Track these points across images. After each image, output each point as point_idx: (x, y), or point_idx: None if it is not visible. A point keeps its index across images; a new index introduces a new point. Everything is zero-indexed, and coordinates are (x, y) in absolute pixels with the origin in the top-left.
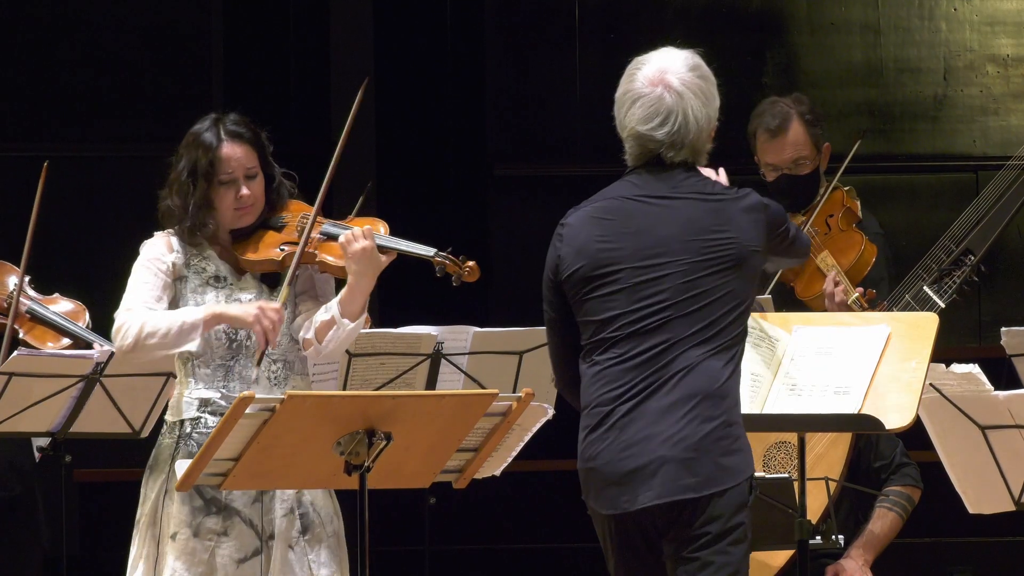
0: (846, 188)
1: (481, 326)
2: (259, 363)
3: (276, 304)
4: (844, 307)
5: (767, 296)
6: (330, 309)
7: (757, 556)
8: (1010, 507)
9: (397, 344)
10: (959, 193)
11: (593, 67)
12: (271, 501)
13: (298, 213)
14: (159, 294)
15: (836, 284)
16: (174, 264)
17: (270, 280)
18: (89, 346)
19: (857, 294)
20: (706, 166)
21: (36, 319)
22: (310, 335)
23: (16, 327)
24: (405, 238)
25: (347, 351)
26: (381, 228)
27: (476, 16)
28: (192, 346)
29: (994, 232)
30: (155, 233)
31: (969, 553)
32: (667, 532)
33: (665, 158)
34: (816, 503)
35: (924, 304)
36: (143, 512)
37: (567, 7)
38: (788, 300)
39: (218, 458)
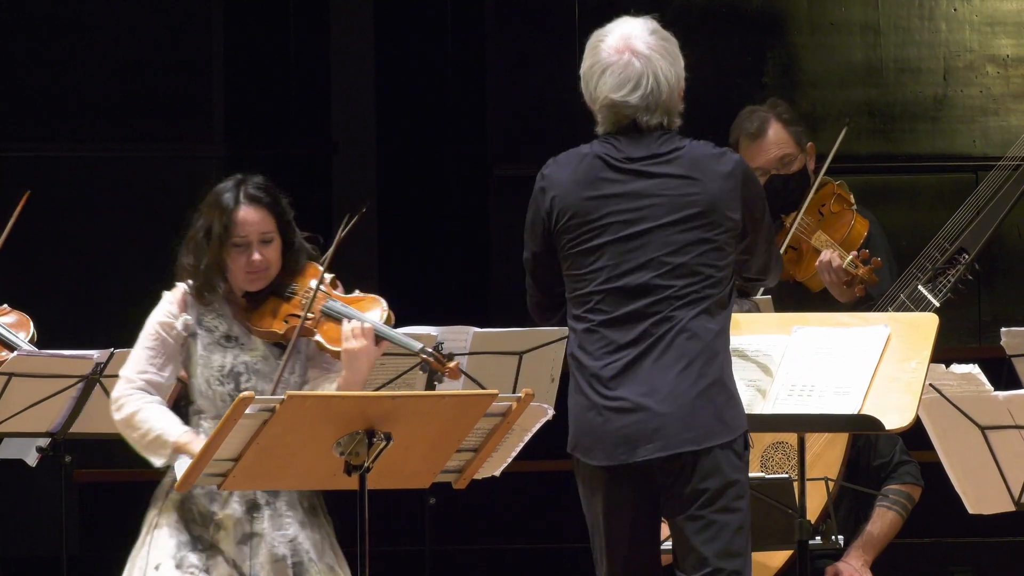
0: (837, 182)
1: (481, 326)
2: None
3: None
4: (842, 273)
5: (766, 297)
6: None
7: (757, 556)
8: (1010, 507)
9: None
10: (959, 193)
11: None
12: (258, 546)
13: (309, 281)
14: (162, 362)
15: (832, 251)
16: (186, 325)
17: (282, 344)
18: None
19: (852, 256)
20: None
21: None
22: None
23: None
24: (404, 238)
25: None
26: (380, 310)
27: (476, 16)
28: (158, 462)
29: (988, 230)
30: (176, 285)
31: (969, 553)
32: (667, 487)
33: (640, 122)
34: (815, 503)
35: (919, 303)
36: (137, 541)
37: (567, 7)
38: (788, 295)
39: (218, 458)
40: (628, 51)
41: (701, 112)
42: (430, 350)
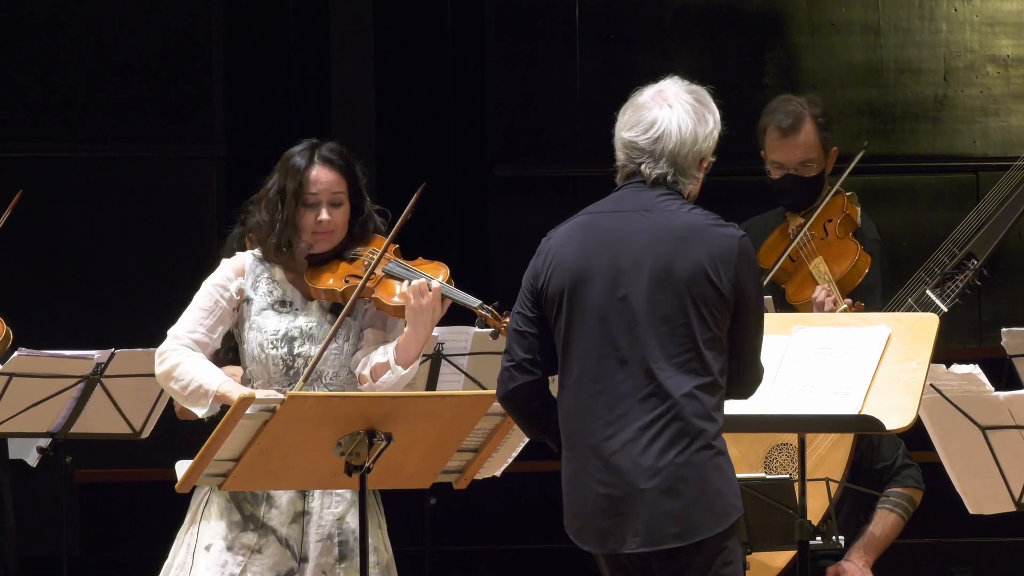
0: (848, 194)
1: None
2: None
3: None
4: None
5: (767, 297)
6: (387, 352)
7: (758, 557)
8: (1010, 507)
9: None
10: (959, 194)
11: (593, 68)
12: (308, 524)
13: (376, 248)
14: (213, 323)
15: (828, 296)
16: (240, 290)
17: (338, 310)
18: None
19: (845, 306)
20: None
21: None
22: (366, 372)
23: None
24: (404, 237)
25: None
26: (442, 274)
27: (476, 16)
28: (200, 412)
29: (997, 236)
30: (237, 253)
31: (969, 553)
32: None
33: (644, 172)
34: (817, 504)
35: (926, 308)
36: (184, 522)
37: (567, 8)
38: (779, 301)
39: (219, 458)
40: (658, 97)
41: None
42: (488, 306)
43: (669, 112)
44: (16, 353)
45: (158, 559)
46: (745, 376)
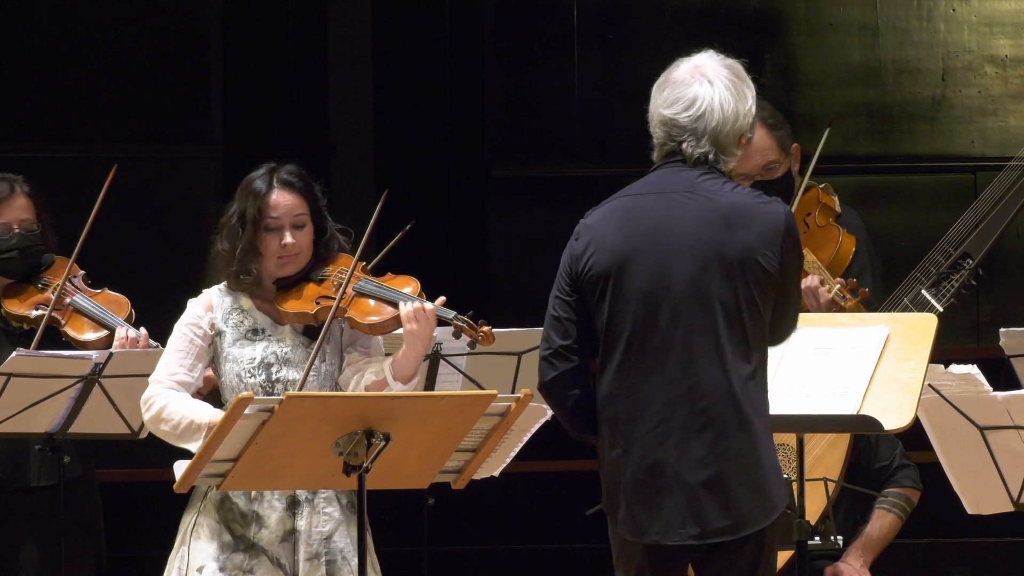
0: (821, 185)
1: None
2: None
3: None
4: (828, 304)
5: None
6: (382, 371)
7: None
8: (1009, 508)
9: (396, 345)
10: (957, 194)
11: (592, 68)
12: (299, 542)
13: (344, 267)
14: (192, 362)
15: (822, 284)
16: (212, 324)
17: (311, 332)
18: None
19: (839, 285)
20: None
21: (77, 311)
22: (362, 391)
23: (57, 316)
24: (403, 238)
25: None
26: (411, 287)
27: (475, 16)
28: (194, 447)
29: (993, 236)
30: (202, 291)
31: (968, 553)
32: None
33: (685, 151)
34: (815, 504)
35: (922, 308)
36: (175, 544)
37: (566, 7)
38: None
39: (217, 459)
40: (696, 72)
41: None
42: (464, 317)
43: (710, 88)
44: (15, 353)
45: (157, 559)
46: (779, 329)
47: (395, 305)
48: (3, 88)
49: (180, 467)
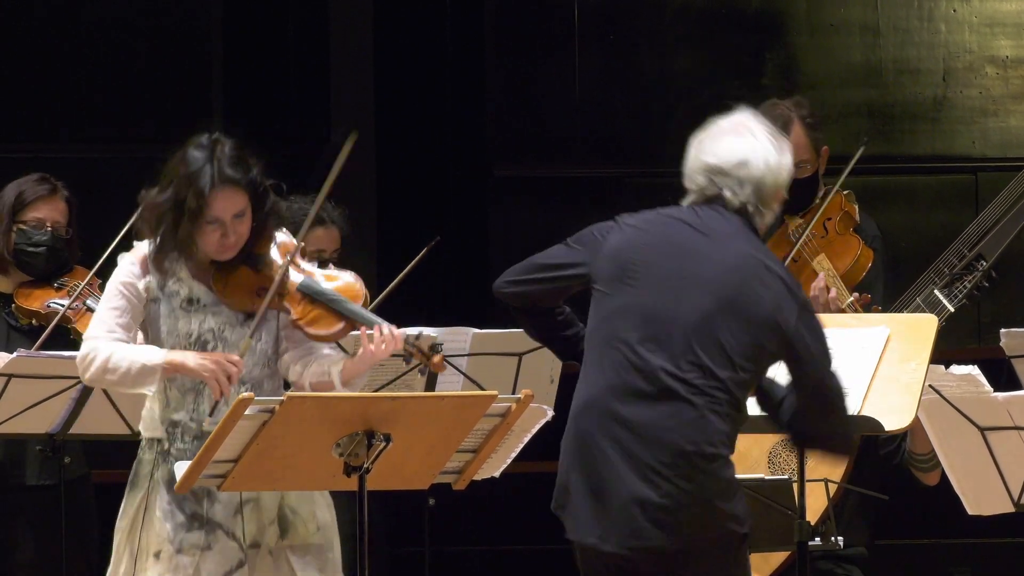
0: (845, 192)
1: (480, 327)
2: (211, 413)
3: (236, 356)
4: (826, 307)
5: None
6: (329, 372)
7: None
8: (1009, 508)
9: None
10: (958, 194)
11: (592, 67)
12: (252, 511)
13: (282, 252)
14: (127, 321)
15: (828, 290)
16: (147, 288)
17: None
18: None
19: (852, 298)
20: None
21: (92, 312)
22: (305, 383)
23: (69, 315)
24: (404, 237)
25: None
26: (356, 290)
27: (475, 16)
28: (149, 390)
29: (1007, 238)
30: (134, 244)
31: (969, 554)
32: None
33: (727, 198)
34: (819, 504)
35: (934, 308)
36: (120, 528)
37: (566, 7)
38: None
39: (217, 459)
40: (740, 127)
41: (699, 113)
42: (413, 342)
43: (754, 141)
44: (15, 354)
45: None
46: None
47: (345, 318)
48: (3, 88)
49: (180, 468)
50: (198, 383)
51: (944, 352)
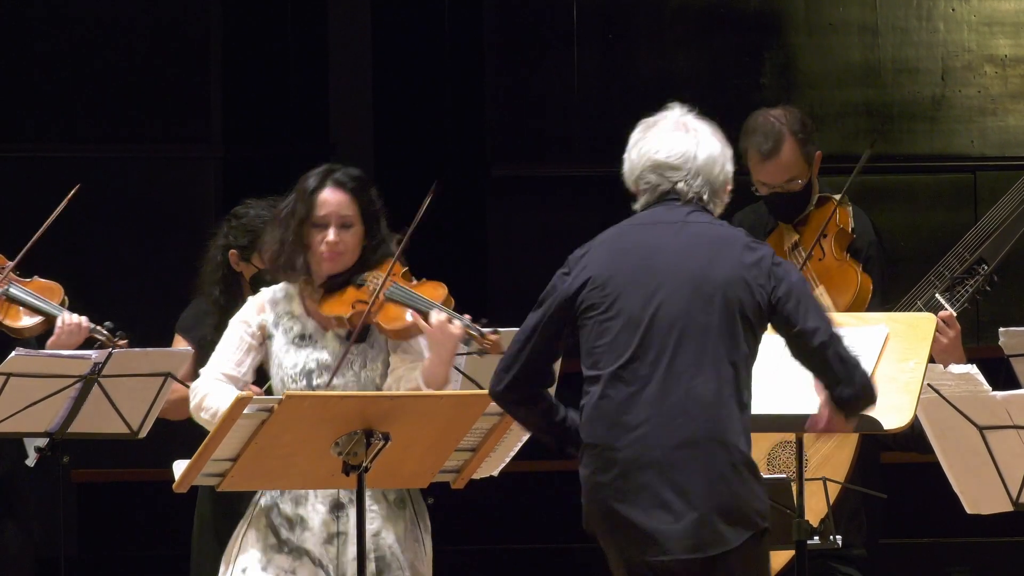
0: (836, 196)
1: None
2: None
3: None
4: None
5: None
6: (415, 378)
7: None
8: (1008, 507)
9: None
10: (957, 194)
11: (592, 67)
12: (344, 544)
13: (382, 272)
14: (240, 357)
15: None
16: (261, 326)
17: (357, 338)
18: (53, 321)
19: None
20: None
21: (11, 300)
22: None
23: None
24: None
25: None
26: (441, 294)
27: (474, 16)
28: None
29: (1009, 242)
30: (261, 289)
31: (967, 553)
32: None
33: (681, 190)
34: (821, 503)
35: (935, 311)
36: (228, 546)
37: (566, 7)
38: None
39: (216, 458)
40: (679, 124)
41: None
42: (477, 326)
43: (697, 135)
44: (14, 352)
45: (156, 559)
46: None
47: (422, 312)
48: (2, 88)
49: (179, 466)
50: None
51: None
